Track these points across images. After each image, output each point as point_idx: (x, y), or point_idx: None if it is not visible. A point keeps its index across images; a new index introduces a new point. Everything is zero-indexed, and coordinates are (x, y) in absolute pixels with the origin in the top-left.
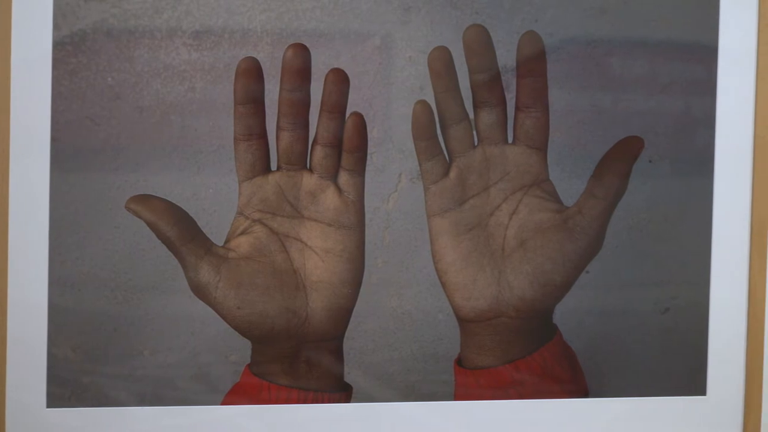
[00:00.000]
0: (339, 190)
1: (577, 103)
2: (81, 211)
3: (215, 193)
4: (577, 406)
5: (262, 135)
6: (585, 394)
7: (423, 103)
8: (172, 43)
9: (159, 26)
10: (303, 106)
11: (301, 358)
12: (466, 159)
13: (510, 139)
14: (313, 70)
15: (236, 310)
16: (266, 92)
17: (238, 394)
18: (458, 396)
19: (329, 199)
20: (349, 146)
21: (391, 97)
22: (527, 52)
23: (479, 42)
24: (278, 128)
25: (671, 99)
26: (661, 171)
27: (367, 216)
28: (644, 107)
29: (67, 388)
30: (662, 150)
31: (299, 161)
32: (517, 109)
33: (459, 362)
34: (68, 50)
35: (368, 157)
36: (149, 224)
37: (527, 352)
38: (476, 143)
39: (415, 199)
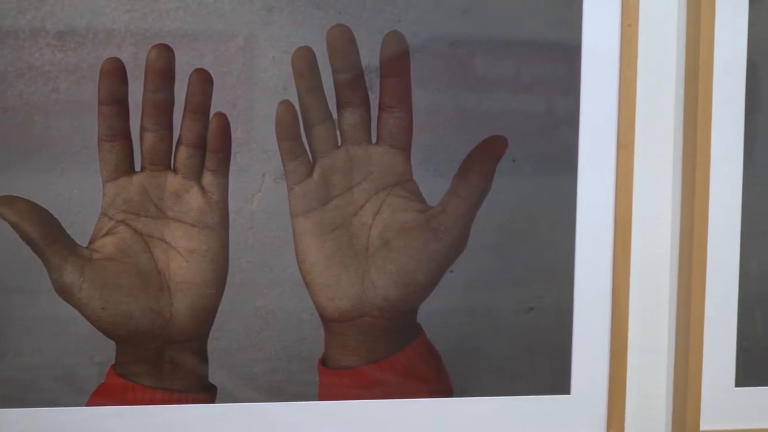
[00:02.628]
0: (203, 190)
1: (441, 103)
2: None
3: (79, 193)
4: (441, 405)
5: (126, 135)
6: (449, 393)
7: (286, 104)
8: (36, 44)
9: (22, 26)
10: (167, 106)
11: (165, 358)
12: (329, 159)
13: (374, 139)
14: (177, 70)
15: (100, 310)
16: (130, 93)
17: (102, 395)
18: (322, 396)
19: (193, 199)
20: (213, 146)
21: (255, 98)
22: (390, 52)
23: (343, 42)
24: (142, 129)
25: (535, 98)
26: (525, 170)
27: (231, 216)
28: (508, 107)
29: None
30: (526, 149)
31: (163, 162)
32: (381, 109)
33: (323, 362)
34: None
35: (232, 157)
36: (13, 225)
37: (391, 352)
38: (340, 143)
39: (279, 199)
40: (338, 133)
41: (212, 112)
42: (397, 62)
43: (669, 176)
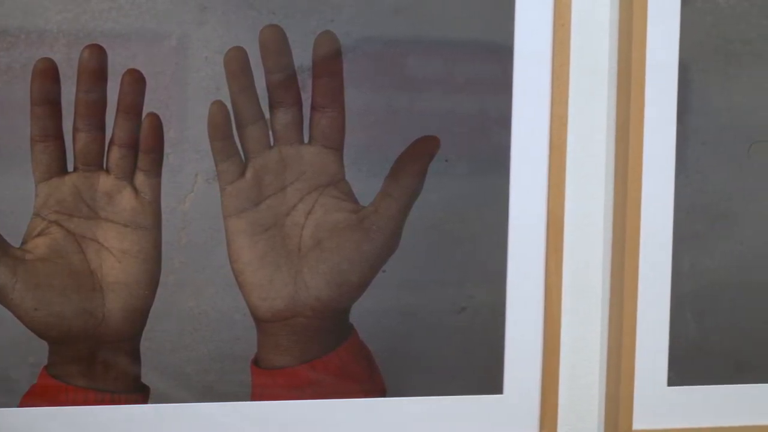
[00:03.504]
0: (135, 190)
1: (373, 103)
2: None
3: (12, 194)
4: (374, 405)
5: (59, 136)
6: (382, 393)
7: (219, 104)
8: None
9: None
10: (99, 106)
11: (98, 359)
12: (262, 159)
13: (306, 139)
14: (110, 70)
15: (33, 311)
16: (63, 93)
17: (35, 396)
18: (255, 396)
19: (126, 199)
20: (146, 147)
21: (188, 98)
22: (323, 52)
23: (275, 42)
24: (75, 129)
25: (467, 99)
26: (458, 170)
27: (164, 217)
28: (440, 107)
29: None
30: (458, 149)
31: (96, 162)
32: (313, 109)
33: (256, 362)
34: None
35: (164, 157)
36: None
37: (324, 352)
38: (272, 143)
39: (212, 199)
40: (271, 133)
41: (145, 112)
42: (330, 62)
43: (601, 176)
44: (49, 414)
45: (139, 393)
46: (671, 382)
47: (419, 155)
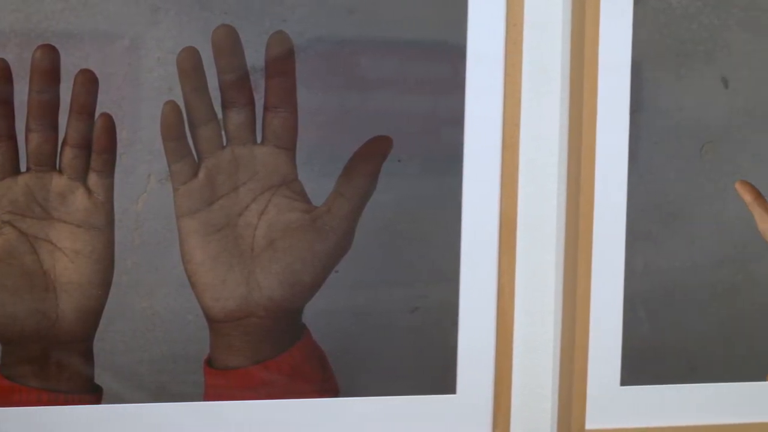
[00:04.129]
0: (88, 191)
1: (326, 103)
2: None
3: None
4: (327, 405)
5: (11, 136)
6: (335, 393)
7: (172, 104)
8: None
9: None
10: (52, 107)
11: (51, 359)
12: (214, 159)
13: (259, 140)
14: (63, 71)
15: None
16: (15, 93)
17: None
18: (208, 397)
19: (78, 200)
20: (98, 147)
21: (140, 98)
22: (276, 52)
23: (228, 42)
24: (27, 129)
25: (420, 99)
26: (410, 170)
27: (117, 217)
28: (393, 107)
29: None
30: (411, 149)
31: (48, 162)
32: (266, 109)
33: (209, 363)
34: None
35: (117, 158)
36: None
37: (277, 352)
38: (225, 144)
39: (165, 199)
40: (223, 133)
41: (98, 112)
42: (282, 62)
43: (554, 176)
44: (2, 414)
45: (92, 393)
46: (624, 382)
47: (372, 155)
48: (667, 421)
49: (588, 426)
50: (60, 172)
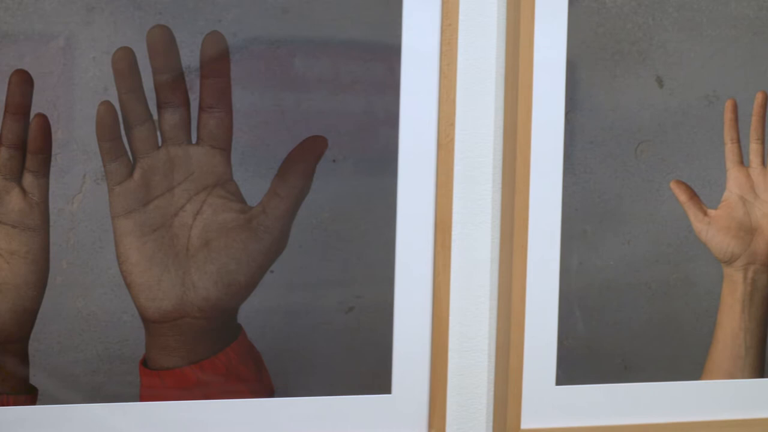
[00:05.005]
0: (23, 191)
1: (261, 103)
2: None
3: None
4: (262, 405)
5: None
6: (270, 393)
7: (107, 104)
8: None
9: None
10: None
11: None
12: (150, 160)
13: (194, 140)
14: None
15: None
16: None
17: None
18: (144, 397)
19: (14, 200)
20: (33, 148)
21: (75, 98)
22: (210, 53)
23: (162, 42)
24: None
25: (355, 98)
26: (345, 170)
27: (52, 217)
28: (328, 107)
29: None
30: (346, 149)
31: None
32: (201, 109)
33: (144, 363)
34: None
35: (52, 158)
36: None
37: (212, 353)
38: (160, 144)
39: (100, 200)
40: (159, 133)
41: (33, 112)
42: (217, 63)
43: (489, 175)
44: None
45: (27, 394)
46: (559, 381)
47: (307, 155)
48: (602, 420)
49: (523, 425)
50: None
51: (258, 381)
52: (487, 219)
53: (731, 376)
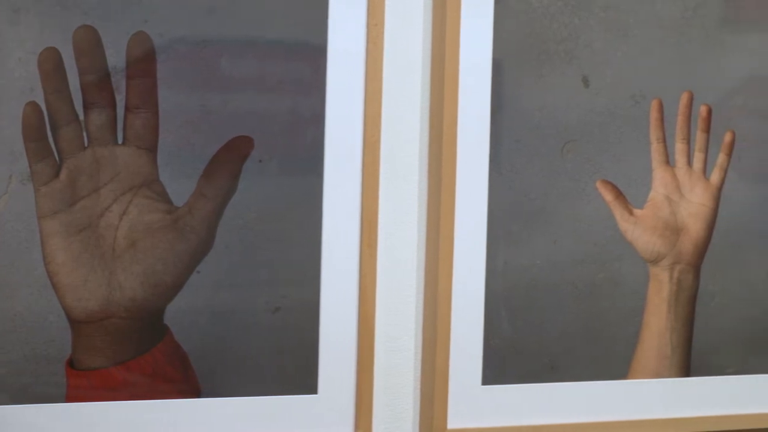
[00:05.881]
0: None
1: (187, 104)
2: None
3: None
4: (189, 406)
5: None
6: (197, 393)
7: (33, 105)
8: None
9: None
10: None
11: None
12: (76, 160)
13: (120, 140)
14: None
15: None
16: None
17: None
18: (70, 398)
19: None
20: None
21: (2, 99)
22: (136, 53)
23: (88, 43)
24: None
25: (281, 98)
26: (271, 170)
27: None
28: (254, 107)
29: None
30: (272, 150)
31: None
32: (127, 110)
33: (71, 364)
34: None
35: None
36: None
37: (138, 353)
38: (86, 144)
39: (26, 200)
40: (85, 134)
41: None
42: (143, 63)
43: (415, 175)
44: None
45: None
46: (486, 381)
47: (233, 155)
48: (529, 420)
49: (450, 425)
50: None
51: (184, 381)
52: (413, 218)
53: (658, 375)
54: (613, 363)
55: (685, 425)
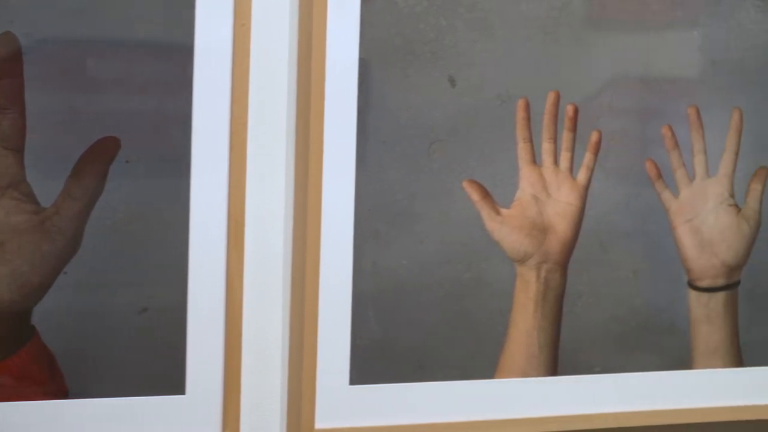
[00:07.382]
0: None
1: (54, 104)
2: None
3: None
4: (56, 407)
5: None
6: (64, 395)
7: None
8: None
9: None
10: None
11: None
12: None
13: None
14: None
15: None
16: None
17: None
18: None
19: None
20: None
21: None
22: (3, 54)
23: None
24: None
25: (148, 99)
26: (138, 171)
27: None
28: (120, 108)
29: None
30: (139, 150)
31: None
32: None
33: None
34: None
35: None
36: None
37: (5, 355)
38: None
39: None
40: None
41: None
42: (10, 63)
43: (282, 175)
44: None
45: None
46: (353, 381)
47: (99, 156)
48: (397, 419)
49: (317, 425)
50: None
51: (51, 382)
52: (280, 219)
53: (526, 374)
54: (481, 362)
55: (553, 423)
